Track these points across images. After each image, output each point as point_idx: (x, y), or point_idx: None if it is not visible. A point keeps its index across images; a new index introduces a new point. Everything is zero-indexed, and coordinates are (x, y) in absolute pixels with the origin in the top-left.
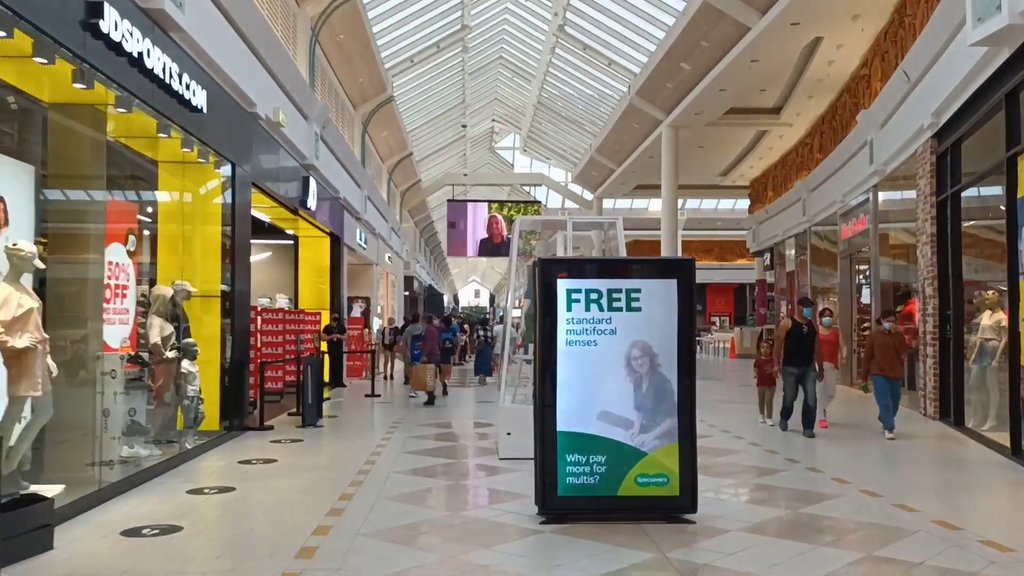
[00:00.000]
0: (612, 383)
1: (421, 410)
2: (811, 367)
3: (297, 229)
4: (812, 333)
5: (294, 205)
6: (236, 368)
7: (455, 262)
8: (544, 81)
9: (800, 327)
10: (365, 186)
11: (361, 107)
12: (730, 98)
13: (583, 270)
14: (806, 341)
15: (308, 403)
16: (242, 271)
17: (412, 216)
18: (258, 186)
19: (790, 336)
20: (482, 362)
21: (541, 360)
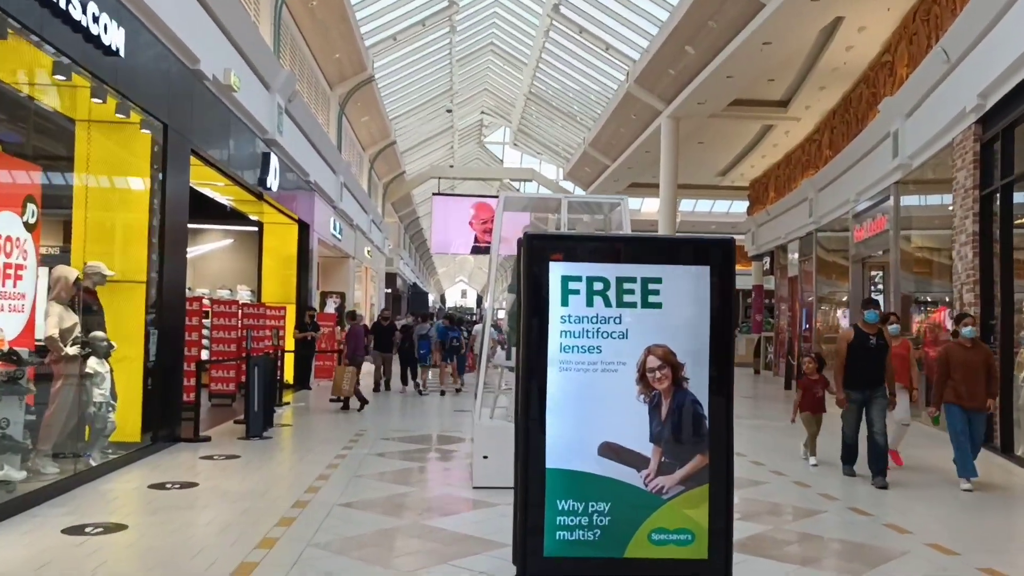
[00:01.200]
0: (621, 404)
1: (390, 419)
2: (880, 390)
3: (262, 215)
4: (882, 346)
5: (250, 184)
6: (163, 368)
7: (442, 261)
8: (537, 69)
9: (866, 338)
10: (341, 172)
11: (338, 87)
12: (736, 87)
13: (584, 251)
14: (874, 356)
15: (254, 411)
16: (175, 254)
17: (396, 211)
18: (200, 155)
19: (853, 350)
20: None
21: (526, 372)
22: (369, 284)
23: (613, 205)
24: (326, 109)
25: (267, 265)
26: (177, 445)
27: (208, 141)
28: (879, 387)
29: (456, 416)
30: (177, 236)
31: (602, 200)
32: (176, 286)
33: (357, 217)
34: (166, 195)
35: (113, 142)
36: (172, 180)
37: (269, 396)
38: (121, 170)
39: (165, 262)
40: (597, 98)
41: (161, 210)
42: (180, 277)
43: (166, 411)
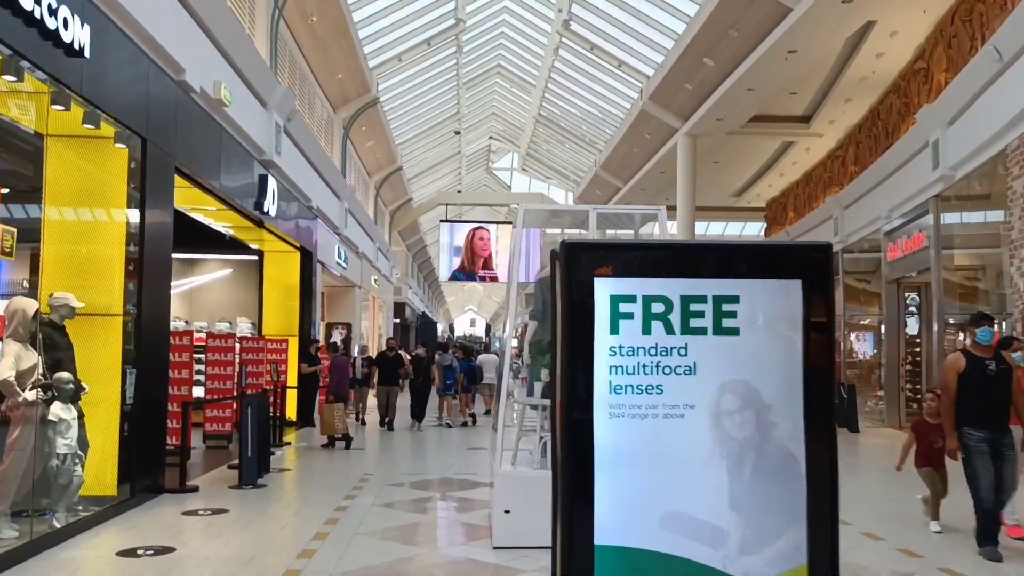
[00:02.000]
0: (690, 460)
1: (398, 460)
2: (1007, 437)
3: (262, 243)
4: (1005, 371)
5: (246, 208)
6: (144, 411)
7: (451, 290)
8: (545, 91)
9: (981, 364)
10: (345, 198)
11: (342, 109)
12: (757, 101)
13: (640, 262)
14: (996, 386)
15: (247, 456)
16: (157, 282)
17: (403, 239)
18: (187, 175)
19: (966, 381)
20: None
21: (566, 420)
22: (377, 314)
23: (647, 217)
24: (329, 132)
25: (268, 296)
26: (160, 497)
27: (196, 160)
28: (1006, 431)
29: (471, 456)
30: (159, 262)
31: (635, 212)
32: (158, 319)
33: (363, 245)
34: (145, 216)
35: (82, 158)
36: (153, 199)
37: (265, 438)
38: (92, 189)
39: (145, 291)
40: (608, 118)
41: (140, 233)
42: (163, 309)
43: (147, 459)
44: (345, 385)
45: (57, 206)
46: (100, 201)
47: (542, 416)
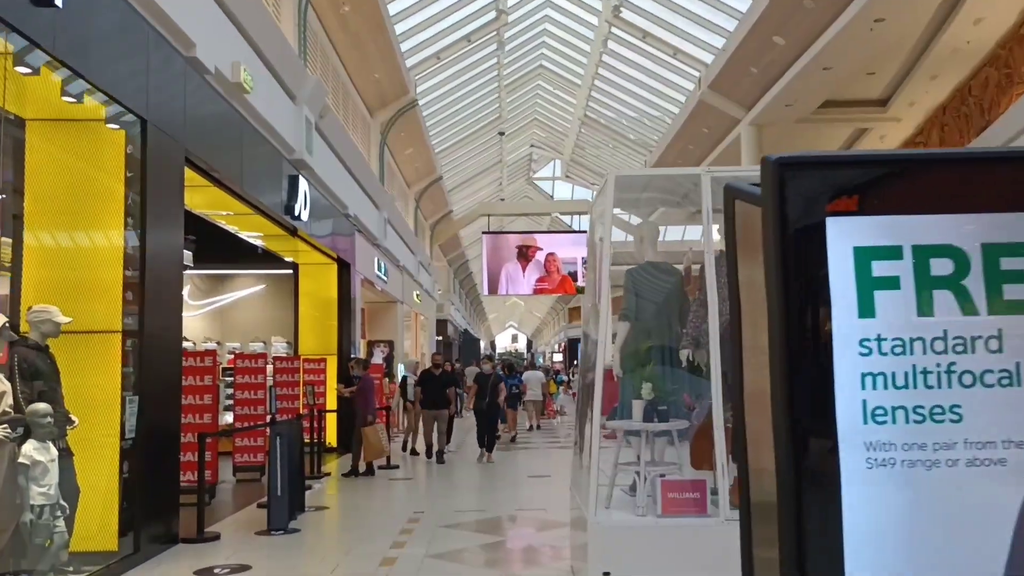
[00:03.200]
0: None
1: (450, 492)
2: None
3: (296, 254)
4: None
5: (273, 211)
6: (148, 446)
7: (492, 307)
8: (592, 88)
9: None
10: (385, 207)
11: (379, 113)
12: (832, 82)
13: (914, 188)
14: None
15: (276, 495)
16: (163, 294)
17: (444, 254)
18: (200, 168)
19: None
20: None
21: (784, 485)
22: (420, 332)
23: None
24: (366, 138)
25: (304, 312)
26: (173, 549)
27: (212, 152)
28: None
29: (534, 486)
30: (167, 269)
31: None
32: (166, 337)
33: (404, 258)
34: (147, 212)
35: (70, 146)
36: (159, 192)
37: (298, 472)
38: (83, 181)
39: (149, 304)
40: (661, 115)
41: (141, 232)
42: (172, 324)
43: (155, 504)
44: (372, 408)
45: (41, 202)
46: (92, 195)
47: (649, 446)
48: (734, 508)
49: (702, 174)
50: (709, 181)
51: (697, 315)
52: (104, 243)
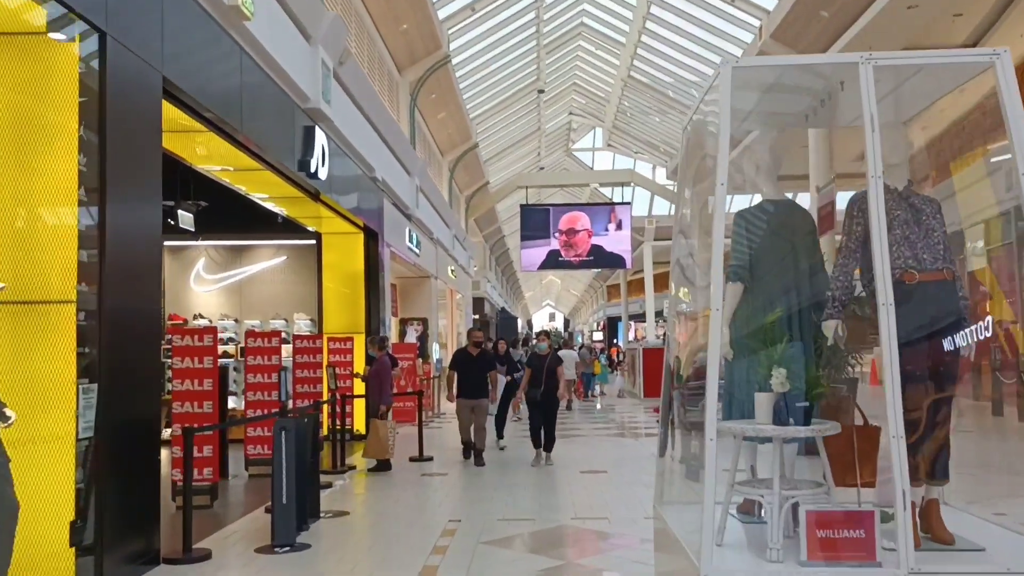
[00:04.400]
0: None
1: (490, 492)
2: None
3: (319, 222)
4: None
5: (287, 168)
6: (115, 446)
7: (528, 284)
8: (638, 45)
9: None
10: (416, 173)
11: (408, 71)
12: (913, 26)
13: None
14: None
15: (282, 504)
16: (133, 259)
17: (480, 229)
18: (185, 103)
19: None
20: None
21: None
22: (455, 309)
23: (967, 67)
24: (394, 97)
25: (328, 287)
26: (153, 572)
27: (201, 86)
28: None
29: (589, 485)
30: (141, 227)
31: (953, 58)
32: (140, 308)
33: (438, 230)
34: (108, 150)
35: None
36: (122, 127)
37: (310, 473)
38: (14, 108)
39: (111, 271)
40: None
41: (100, 176)
42: (148, 295)
43: (124, 517)
44: (388, 393)
45: None
46: (32, 131)
47: (779, 457)
48: (922, 551)
49: (860, 63)
50: (871, 73)
51: (845, 268)
52: (52, 192)
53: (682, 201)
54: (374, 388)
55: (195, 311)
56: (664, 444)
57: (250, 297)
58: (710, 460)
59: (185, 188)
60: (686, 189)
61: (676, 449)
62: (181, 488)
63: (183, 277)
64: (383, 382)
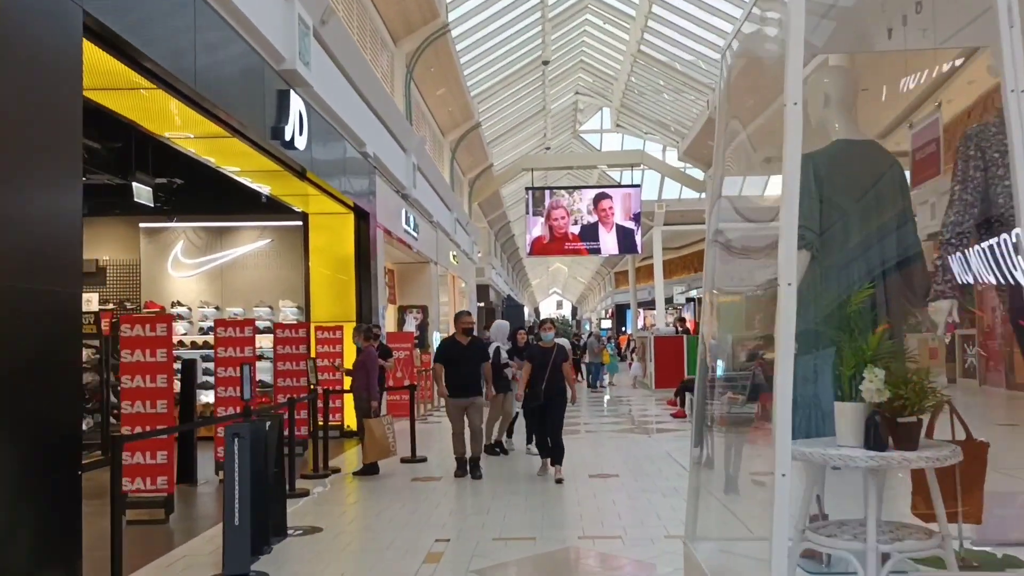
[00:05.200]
0: None
1: (484, 500)
2: None
3: (305, 202)
4: None
5: (253, 135)
6: (16, 465)
7: (535, 272)
8: (648, 15)
9: None
10: (412, 150)
11: (404, 41)
12: None
13: None
14: None
15: (233, 526)
16: (45, 237)
17: (485, 214)
18: (119, 48)
19: None
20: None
21: None
22: (458, 297)
23: None
24: (388, 68)
25: (316, 272)
26: None
27: (139, 26)
28: None
29: (598, 492)
30: (50, 196)
31: None
32: (49, 293)
33: (438, 213)
34: (2, 95)
35: None
36: (20, 62)
37: (272, 489)
38: None
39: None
40: None
41: None
42: (65, 277)
43: (26, 548)
44: (375, 388)
45: None
46: None
47: (873, 493)
48: None
49: None
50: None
51: (959, 228)
52: None
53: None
54: (360, 383)
55: (173, 298)
56: (699, 459)
57: (232, 283)
58: (780, 502)
59: (143, 158)
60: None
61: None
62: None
63: (159, 262)
64: (369, 375)
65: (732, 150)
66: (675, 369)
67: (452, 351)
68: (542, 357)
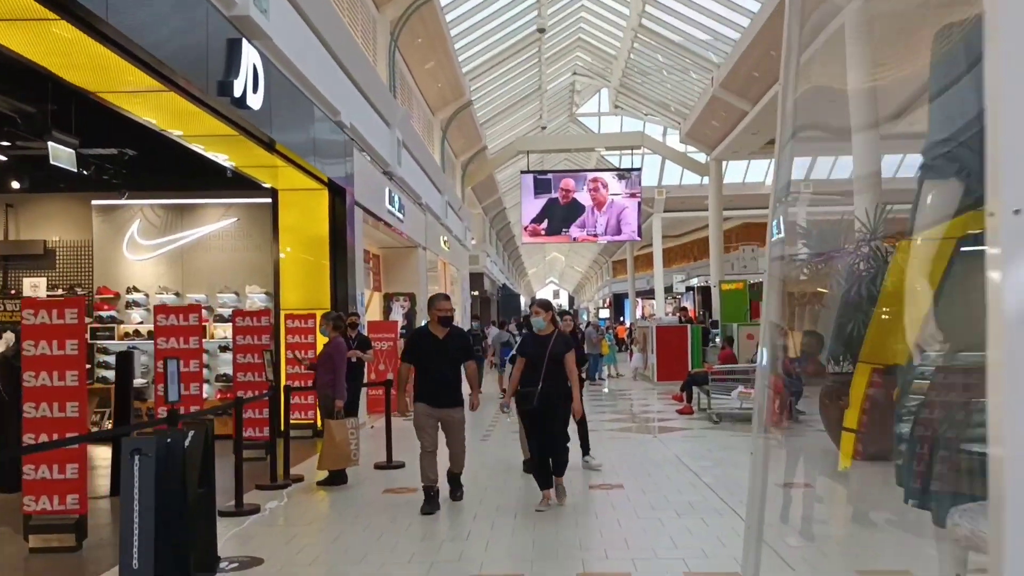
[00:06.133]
0: None
1: (470, 523)
2: None
3: (275, 177)
4: None
5: (200, 91)
6: None
7: (531, 261)
8: None
9: None
10: (397, 125)
11: (387, 6)
12: None
13: None
14: None
15: (132, 569)
16: None
17: (479, 200)
18: None
19: None
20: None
21: None
22: (450, 285)
23: None
24: (369, 35)
25: (286, 253)
26: None
27: None
28: None
29: (600, 508)
30: None
31: None
32: None
33: (427, 194)
34: None
35: None
36: None
37: (191, 517)
38: None
39: None
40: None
41: None
42: None
43: None
44: (341, 385)
45: None
46: None
47: None
48: None
49: None
50: None
51: None
52: None
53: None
54: (325, 378)
55: (129, 283)
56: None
57: (194, 266)
58: None
59: (64, 114)
60: None
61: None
62: (47, 519)
63: (114, 243)
64: (336, 370)
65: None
66: (678, 361)
67: (424, 346)
68: (536, 349)
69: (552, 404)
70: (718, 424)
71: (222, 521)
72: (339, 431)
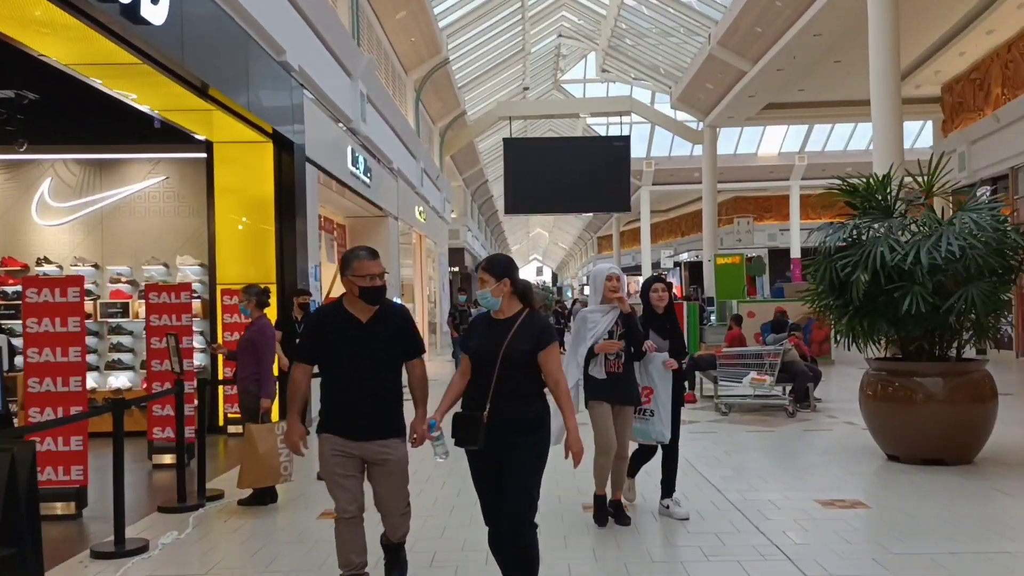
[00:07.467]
0: None
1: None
2: None
3: (209, 128)
4: None
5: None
6: None
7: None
8: None
9: None
10: (360, 74)
11: None
12: None
13: None
14: None
15: None
16: None
17: (460, 171)
18: None
19: None
20: None
21: None
22: (424, 258)
23: None
24: None
25: (224, 218)
26: None
27: None
28: None
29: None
30: None
31: None
32: None
33: (400, 159)
34: None
35: None
36: None
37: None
38: None
39: None
40: None
41: None
42: None
43: None
44: (269, 378)
45: None
46: None
47: None
48: None
49: None
50: None
51: None
52: None
53: None
54: (247, 370)
55: (39, 253)
56: None
57: (117, 234)
58: None
59: None
60: None
61: None
62: None
63: (21, 205)
64: (260, 361)
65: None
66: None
67: (335, 335)
68: (485, 342)
69: (510, 442)
70: (727, 416)
71: (93, 564)
72: (264, 439)
